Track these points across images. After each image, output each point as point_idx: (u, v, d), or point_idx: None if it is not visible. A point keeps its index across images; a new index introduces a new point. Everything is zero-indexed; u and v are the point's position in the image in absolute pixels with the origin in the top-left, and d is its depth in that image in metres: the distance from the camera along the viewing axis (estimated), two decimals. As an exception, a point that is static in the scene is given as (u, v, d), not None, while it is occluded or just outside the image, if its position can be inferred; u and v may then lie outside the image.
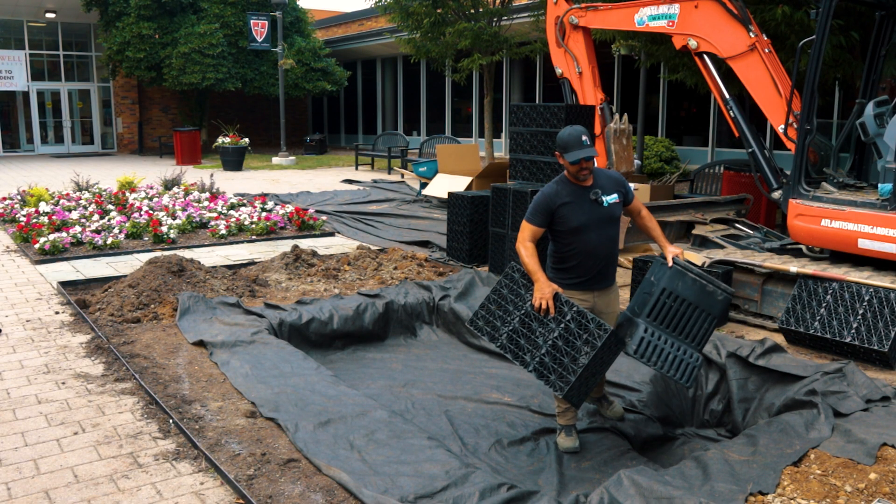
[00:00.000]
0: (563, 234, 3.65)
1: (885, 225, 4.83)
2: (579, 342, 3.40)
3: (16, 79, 23.45)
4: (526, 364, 3.50)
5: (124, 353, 4.60)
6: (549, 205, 3.60)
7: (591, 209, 3.62)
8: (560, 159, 3.62)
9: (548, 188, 3.66)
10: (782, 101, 5.70)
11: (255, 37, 20.50)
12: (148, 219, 8.78)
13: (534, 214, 3.62)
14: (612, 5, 7.13)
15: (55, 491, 3.04)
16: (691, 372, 3.51)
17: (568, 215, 3.61)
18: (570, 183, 3.65)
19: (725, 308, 3.42)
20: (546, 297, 3.46)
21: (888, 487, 3.01)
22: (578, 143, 3.53)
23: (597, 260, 3.69)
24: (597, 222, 3.62)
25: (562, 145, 3.59)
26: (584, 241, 3.64)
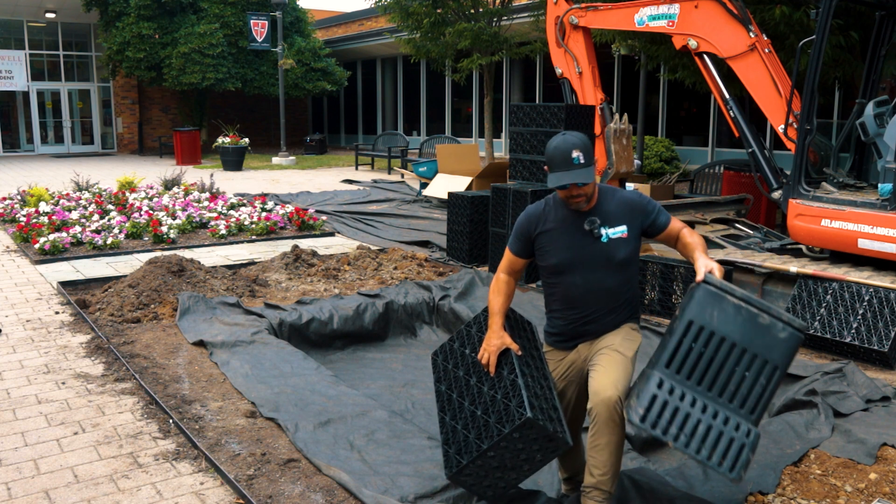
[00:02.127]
0: (544, 271, 2.86)
1: (885, 225, 4.83)
2: (492, 419, 2.59)
3: (16, 79, 23.45)
4: (441, 424, 2.83)
5: (124, 353, 4.60)
6: (528, 229, 2.83)
7: (580, 243, 2.73)
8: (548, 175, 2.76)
9: (532, 207, 2.87)
10: (782, 101, 5.71)
11: (255, 37, 20.50)
12: (148, 219, 8.78)
13: (512, 239, 2.89)
14: (612, 5, 7.13)
15: (55, 491, 3.04)
16: (737, 453, 2.32)
17: (547, 247, 2.78)
18: (563, 204, 2.80)
19: (792, 351, 2.35)
20: (490, 351, 2.76)
21: (888, 487, 3.01)
22: (565, 161, 2.64)
23: (584, 313, 2.79)
24: (586, 262, 2.73)
25: (547, 161, 2.73)
26: (565, 286, 2.79)
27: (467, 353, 2.90)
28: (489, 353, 2.76)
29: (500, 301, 2.84)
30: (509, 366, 2.68)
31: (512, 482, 2.70)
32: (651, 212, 2.80)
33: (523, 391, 2.50)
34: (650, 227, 2.80)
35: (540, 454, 2.59)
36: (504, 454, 2.57)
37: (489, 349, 2.77)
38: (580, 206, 2.72)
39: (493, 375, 2.73)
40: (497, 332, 2.78)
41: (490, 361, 2.76)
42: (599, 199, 2.78)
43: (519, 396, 2.51)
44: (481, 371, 2.80)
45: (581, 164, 2.64)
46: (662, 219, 2.81)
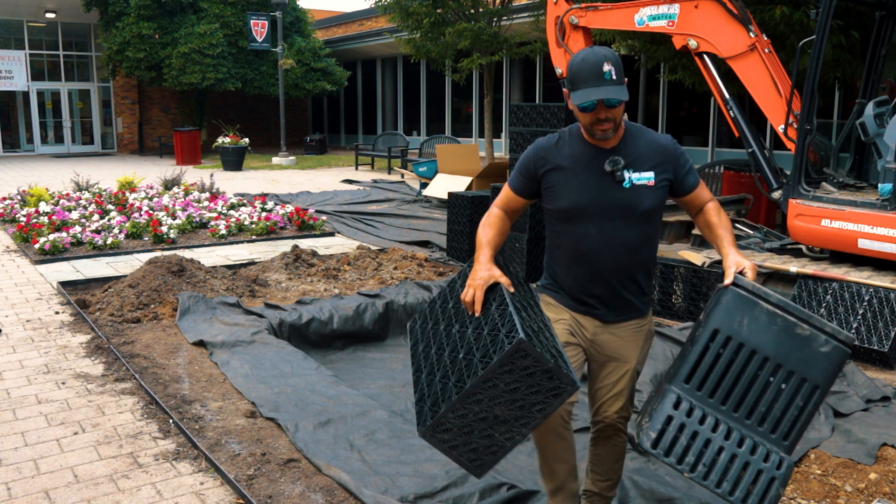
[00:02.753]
0: (551, 216, 2.41)
1: (885, 225, 4.83)
2: (476, 356, 2.04)
3: (16, 79, 23.46)
4: (416, 384, 2.29)
5: (124, 353, 4.60)
6: (535, 164, 2.37)
7: (598, 185, 2.29)
8: (569, 101, 2.28)
9: (543, 140, 2.42)
10: (782, 101, 5.70)
11: (255, 37, 20.51)
12: (148, 219, 8.78)
13: (514, 173, 2.46)
14: (612, 5, 7.13)
15: (55, 491, 3.04)
16: (764, 488, 1.97)
17: (557, 187, 2.34)
18: (581, 138, 2.34)
19: (836, 368, 2.04)
20: (476, 286, 2.22)
21: (888, 487, 3.01)
22: (595, 75, 2.17)
23: (593, 271, 2.36)
24: (604, 209, 2.29)
25: (570, 77, 2.24)
26: (575, 237, 2.35)
27: (449, 306, 2.38)
28: (474, 287, 2.21)
29: (491, 233, 2.36)
30: (499, 299, 2.14)
31: (503, 446, 2.07)
32: (684, 164, 2.36)
33: (515, 317, 1.97)
34: (678, 182, 2.36)
35: (538, 398, 1.98)
36: (492, 397, 1.98)
37: (474, 284, 2.22)
38: (607, 135, 2.24)
39: (478, 315, 2.18)
40: (485, 265, 2.26)
41: (476, 297, 2.20)
42: (625, 138, 2.32)
43: (510, 323, 1.96)
44: (465, 316, 2.24)
45: (613, 80, 2.16)
46: (692, 179, 2.38)
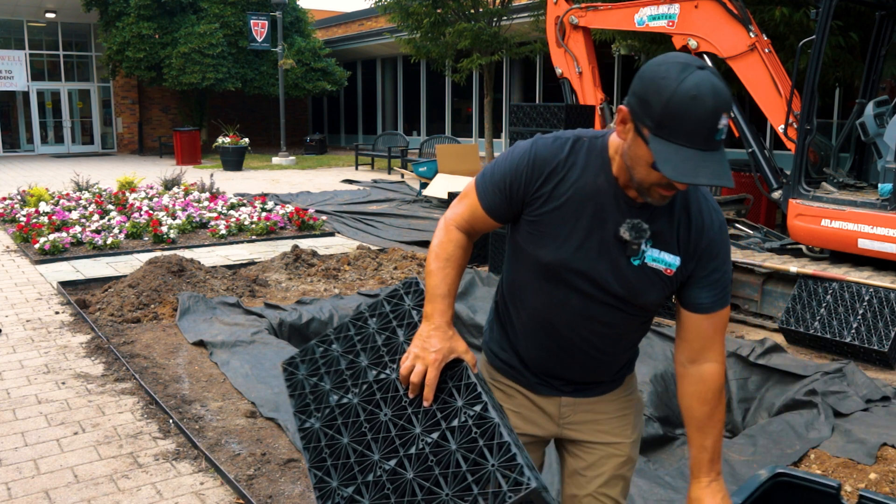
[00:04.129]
0: (523, 258, 1.65)
1: (885, 225, 4.83)
2: (447, 490, 1.41)
3: (16, 79, 23.46)
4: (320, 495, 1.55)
5: (124, 353, 4.60)
6: (528, 177, 1.57)
7: (599, 248, 1.56)
8: (619, 125, 1.47)
9: (546, 139, 1.59)
10: (782, 101, 5.71)
11: (255, 37, 20.51)
12: (148, 219, 8.78)
13: (488, 182, 1.62)
14: (612, 5, 7.13)
15: (55, 491, 3.04)
16: None
17: (544, 226, 1.58)
18: (604, 166, 1.54)
19: None
20: (429, 361, 1.53)
21: (888, 487, 3.01)
22: (709, 130, 1.34)
23: (562, 350, 1.68)
24: (596, 283, 1.58)
25: (662, 113, 1.35)
26: (550, 301, 1.63)
27: (363, 363, 1.66)
28: (426, 362, 1.52)
29: (452, 276, 1.62)
30: (467, 391, 1.51)
31: None
32: (717, 268, 1.59)
33: (507, 436, 1.41)
34: (694, 286, 1.59)
35: None
36: None
37: (425, 357, 1.53)
38: (665, 201, 1.49)
39: (429, 405, 1.52)
40: (443, 330, 1.56)
41: (428, 380, 1.52)
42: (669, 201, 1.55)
43: (506, 453, 1.39)
44: (399, 396, 1.57)
45: (722, 142, 1.39)
46: (715, 293, 1.59)
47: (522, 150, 1.58)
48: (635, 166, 1.45)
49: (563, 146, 1.56)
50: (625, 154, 1.47)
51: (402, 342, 1.65)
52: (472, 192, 1.66)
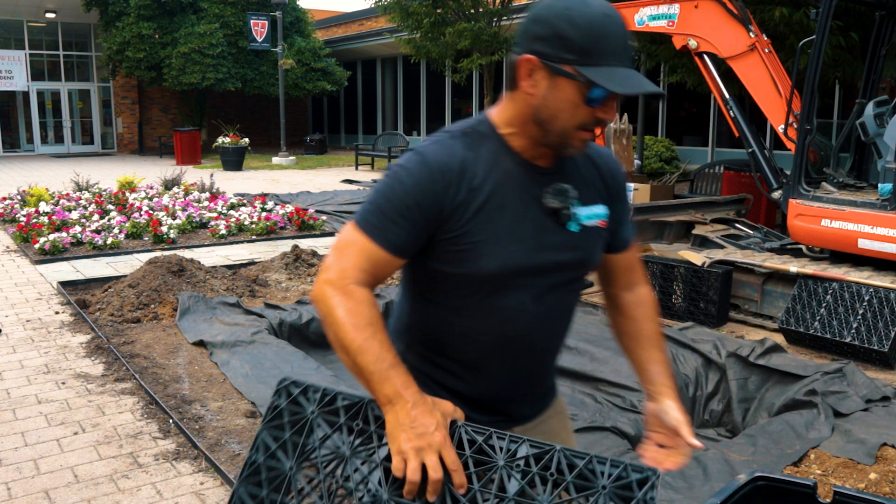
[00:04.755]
0: (456, 284, 1.39)
1: (885, 225, 4.83)
2: None
3: (16, 79, 23.46)
4: None
5: (124, 353, 4.60)
6: (439, 193, 1.32)
7: (536, 230, 1.39)
8: (526, 80, 1.33)
9: (437, 143, 1.37)
10: (782, 101, 5.71)
11: (255, 37, 20.51)
12: (148, 219, 8.78)
13: (382, 214, 1.32)
14: (611, 5, 7.14)
15: (55, 491, 3.04)
16: None
17: (476, 235, 1.35)
18: (505, 149, 1.39)
19: None
20: (438, 444, 1.20)
21: (888, 487, 3.01)
22: (626, 46, 1.32)
23: (519, 364, 1.48)
24: (545, 269, 1.42)
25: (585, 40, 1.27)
26: (502, 315, 1.41)
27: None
28: (437, 447, 1.20)
29: (385, 341, 1.29)
30: (486, 440, 1.22)
31: None
32: (627, 199, 1.58)
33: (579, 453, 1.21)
34: (620, 226, 1.56)
35: None
36: None
37: (430, 442, 1.20)
38: (582, 148, 1.39)
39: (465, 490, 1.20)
40: (421, 403, 1.24)
41: (450, 464, 1.20)
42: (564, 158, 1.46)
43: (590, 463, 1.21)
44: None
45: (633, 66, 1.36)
46: (631, 227, 1.60)
47: (416, 165, 1.33)
48: (558, 114, 1.32)
49: (455, 143, 1.36)
50: (539, 109, 1.33)
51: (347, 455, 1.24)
52: (356, 237, 1.32)
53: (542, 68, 1.30)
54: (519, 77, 1.33)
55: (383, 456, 1.23)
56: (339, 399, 1.28)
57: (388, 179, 1.34)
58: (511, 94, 1.38)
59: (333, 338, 1.29)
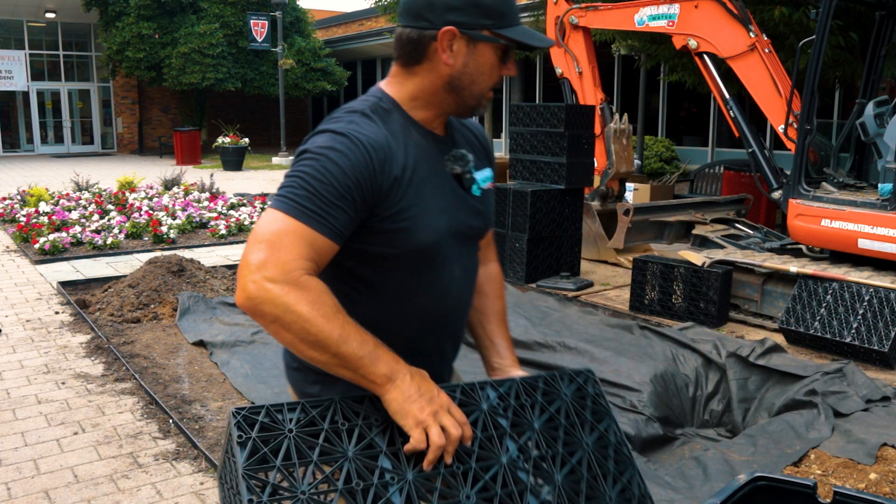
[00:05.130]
0: (391, 263, 1.40)
1: (885, 225, 4.83)
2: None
3: (16, 79, 23.46)
4: None
5: (124, 353, 4.60)
6: (375, 173, 1.30)
7: (452, 198, 1.45)
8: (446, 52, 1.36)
9: (354, 120, 1.34)
10: (782, 101, 5.71)
11: (255, 37, 20.51)
12: (148, 219, 8.78)
13: (320, 202, 1.26)
14: (612, 5, 7.14)
15: (55, 491, 3.04)
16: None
17: (410, 209, 1.36)
18: (411, 122, 1.42)
19: None
20: (444, 404, 1.25)
21: (888, 487, 3.01)
22: (515, 10, 1.41)
23: (450, 333, 1.54)
24: (464, 235, 1.48)
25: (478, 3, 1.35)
26: (435, 289, 1.45)
27: None
28: (445, 409, 1.25)
29: (357, 324, 1.25)
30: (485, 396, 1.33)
31: None
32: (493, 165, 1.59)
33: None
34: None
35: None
36: None
37: (438, 407, 1.24)
38: (486, 106, 1.48)
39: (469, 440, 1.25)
40: (418, 374, 1.27)
41: (461, 419, 1.25)
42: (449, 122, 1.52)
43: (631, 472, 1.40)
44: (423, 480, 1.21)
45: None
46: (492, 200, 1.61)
47: (345, 146, 1.29)
48: (478, 78, 1.39)
49: (373, 121, 1.35)
50: (457, 76, 1.38)
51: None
52: (291, 225, 1.24)
53: (461, 37, 1.35)
54: (439, 49, 1.35)
55: (385, 443, 1.22)
56: (308, 408, 1.22)
57: (315, 163, 1.27)
58: (410, 69, 1.40)
59: (301, 335, 1.20)
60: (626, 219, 6.57)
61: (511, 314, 4.93)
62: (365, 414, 1.25)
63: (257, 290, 1.19)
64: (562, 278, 6.39)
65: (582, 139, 6.56)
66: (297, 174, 1.28)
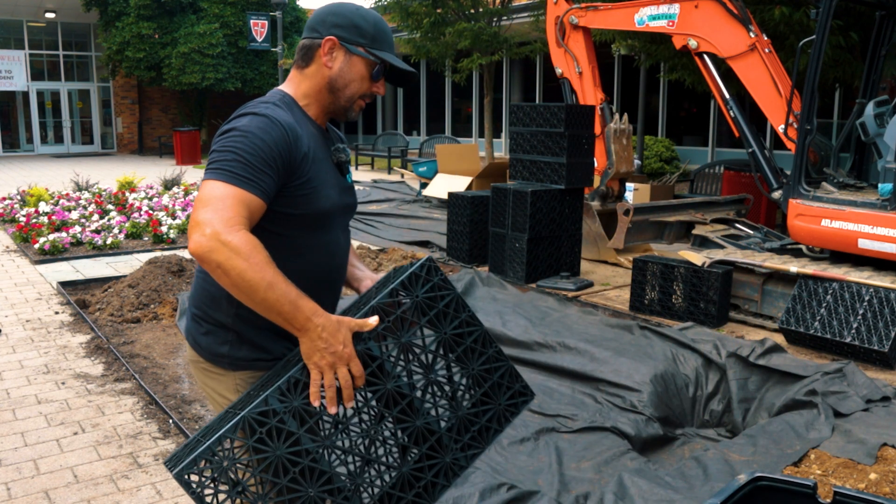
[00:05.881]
0: (295, 224, 1.67)
1: (885, 225, 4.83)
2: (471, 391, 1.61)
3: (16, 79, 23.45)
4: None
5: (124, 353, 4.60)
6: (291, 146, 1.59)
7: (336, 178, 1.77)
8: (326, 55, 1.70)
9: (268, 107, 1.63)
10: (782, 101, 5.71)
11: (255, 37, 20.51)
12: (148, 219, 8.78)
13: (251, 167, 1.52)
14: (612, 5, 7.14)
15: (55, 491, 3.04)
16: None
17: (313, 181, 1.66)
18: (306, 115, 1.73)
19: None
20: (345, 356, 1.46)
21: (888, 487, 3.01)
22: (392, 41, 1.80)
23: (336, 290, 1.84)
24: (345, 210, 1.83)
25: (372, 32, 1.73)
26: (328, 248, 1.76)
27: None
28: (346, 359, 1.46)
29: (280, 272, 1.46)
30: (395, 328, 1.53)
31: None
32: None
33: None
34: None
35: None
36: None
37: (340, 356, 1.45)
38: (359, 112, 1.81)
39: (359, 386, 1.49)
40: (330, 323, 1.46)
41: (356, 372, 1.47)
42: None
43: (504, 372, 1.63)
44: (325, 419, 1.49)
45: None
46: None
47: (267, 124, 1.58)
48: (350, 84, 1.74)
49: (283, 109, 1.66)
50: (335, 79, 1.73)
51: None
52: (228, 190, 1.49)
53: (341, 48, 1.72)
54: (321, 53, 1.71)
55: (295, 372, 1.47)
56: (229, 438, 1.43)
57: (244, 139, 1.55)
58: (303, 71, 1.75)
59: (237, 280, 1.42)
60: (626, 219, 6.57)
61: (511, 314, 4.94)
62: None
63: (205, 242, 1.42)
64: (562, 278, 6.39)
65: (582, 139, 6.56)
66: (229, 149, 1.54)
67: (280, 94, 1.73)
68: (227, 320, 1.70)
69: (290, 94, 1.74)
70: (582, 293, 6.13)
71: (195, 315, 1.78)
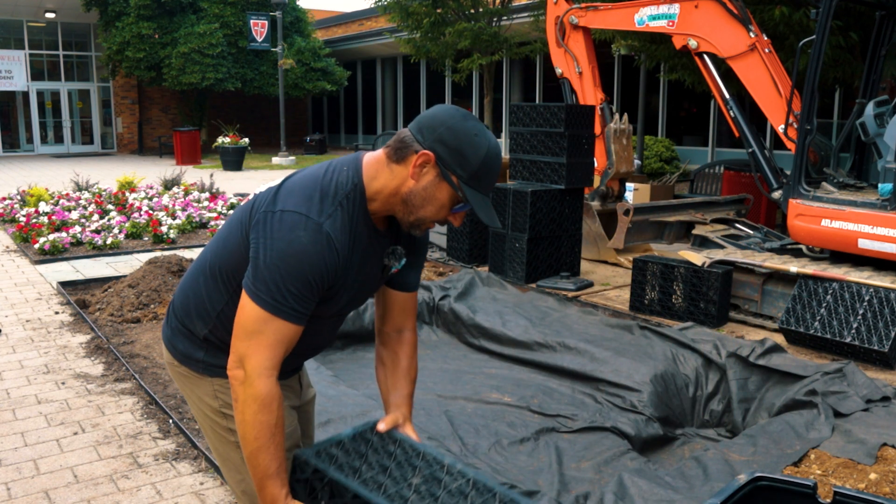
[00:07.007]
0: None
1: (885, 225, 4.83)
2: None
3: (16, 79, 23.46)
4: None
5: (124, 353, 4.60)
6: (337, 265, 1.57)
7: (366, 279, 1.72)
8: (416, 167, 1.57)
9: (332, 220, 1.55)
10: (782, 101, 5.71)
11: (255, 37, 20.52)
12: (148, 219, 8.78)
13: (289, 296, 1.54)
14: (612, 5, 7.14)
15: (55, 491, 3.04)
16: None
17: (339, 288, 1.63)
18: (364, 216, 1.62)
19: None
20: None
21: (888, 487, 3.01)
22: (494, 182, 1.61)
23: (315, 350, 1.88)
24: (349, 306, 1.76)
25: (477, 169, 1.56)
26: (314, 331, 1.74)
27: None
28: None
29: (281, 443, 1.60)
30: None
31: None
32: (424, 255, 1.89)
33: None
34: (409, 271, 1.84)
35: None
36: None
37: None
38: (420, 233, 1.71)
39: None
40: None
41: None
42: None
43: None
44: None
45: None
46: (418, 277, 1.90)
47: (323, 247, 1.53)
48: (427, 205, 1.60)
49: (341, 215, 1.57)
50: (414, 193, 1.59)
51: None
52: (273, 325, 1.54)
53: (435, 167, 1.56)
54: (413, 161, 1.57)
55: None
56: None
57: (294, 262, 1.51)
58: (392, 164, 1.61)
59: (239, 420, 1.56)
60: (626, 219, 6.57)
61: (511, 314, 4.94)
62: None
63: (242, 374, 1.55)
64: (562, 278, 6.39)
65: (582, 139, 6.57)
66: (281, 272, 1.52)
67: (354, 182, 1.60)
68: (199, 336, 1.77)
69: (364, 183, 1.61)
70: (582, 293, 6.13)
71: (173, 318, 1.81)
